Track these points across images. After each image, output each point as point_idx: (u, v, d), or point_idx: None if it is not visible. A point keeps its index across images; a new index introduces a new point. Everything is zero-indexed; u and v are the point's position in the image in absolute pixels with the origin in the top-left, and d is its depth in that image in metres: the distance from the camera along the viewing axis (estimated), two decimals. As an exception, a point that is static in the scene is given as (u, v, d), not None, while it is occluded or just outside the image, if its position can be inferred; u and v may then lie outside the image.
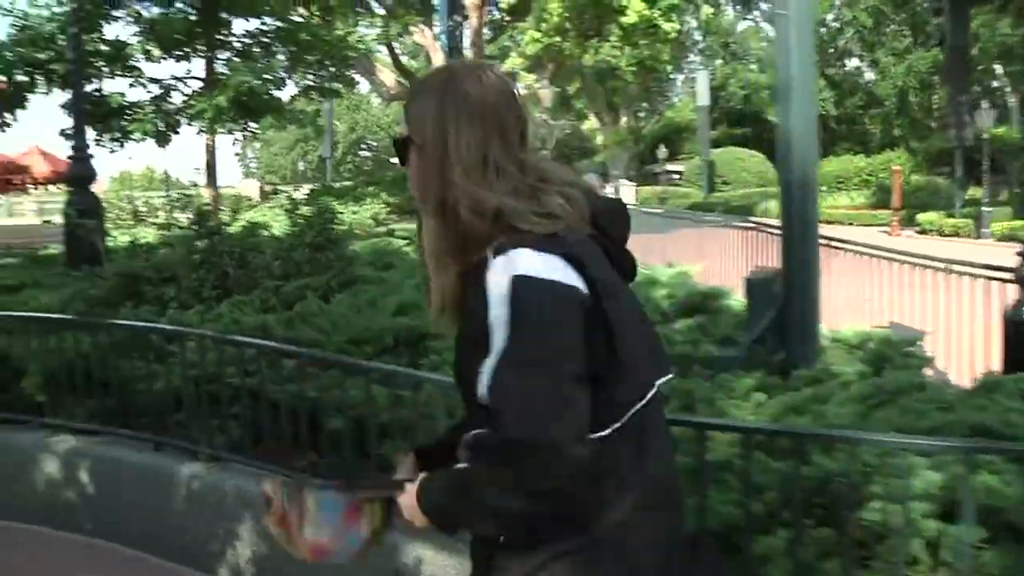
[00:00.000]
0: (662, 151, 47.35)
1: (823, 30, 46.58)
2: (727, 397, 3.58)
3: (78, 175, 8.22)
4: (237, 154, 69.47)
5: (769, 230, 10.15)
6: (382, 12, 21.32)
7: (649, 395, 1.42)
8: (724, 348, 4.54)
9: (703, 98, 45.13)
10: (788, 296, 4.51)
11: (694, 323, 4.92)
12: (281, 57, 13.15)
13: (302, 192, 16.43)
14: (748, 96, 52.87)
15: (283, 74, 12.66)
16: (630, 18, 21.31)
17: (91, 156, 8.39)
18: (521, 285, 1.30)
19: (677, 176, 49.25)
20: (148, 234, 8.16)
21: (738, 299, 5.39)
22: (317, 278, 5.00)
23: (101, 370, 4.32)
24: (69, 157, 8.23)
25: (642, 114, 53.45)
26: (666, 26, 22.17)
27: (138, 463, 4.10)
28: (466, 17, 25.71)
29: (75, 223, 7.41)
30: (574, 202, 1.41)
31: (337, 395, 3.36)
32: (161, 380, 4.04)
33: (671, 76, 52.31)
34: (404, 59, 23.03)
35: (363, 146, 71.69)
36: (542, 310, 1.30)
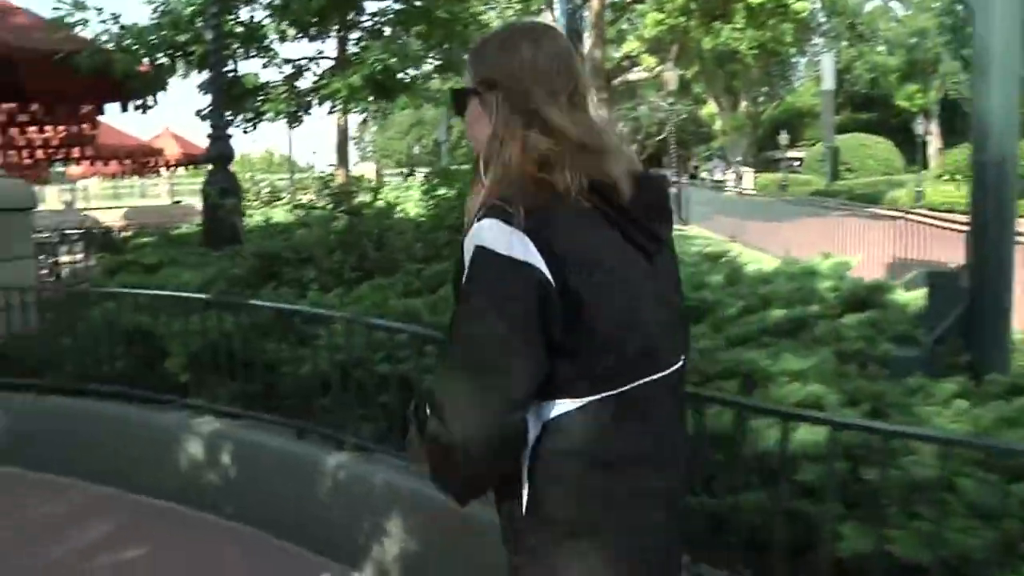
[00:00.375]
0: (783, 137, 45.78)
1: (961, 7, 44.05)
2: (924, 403, 3.21)
3: (217, 154, 8.31)
4: (354, 137, 70.71)
5: (919, 219, 9.52)
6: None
7: (655, 376, 1.45)
8: (902, 347, 4.13)
9: (828, 81, 43.38)
10: (977, 292, 4.07)
11: (864, 318, 4.51)
12: (412, 37, 12.99)
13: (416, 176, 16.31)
14: (875, 80, 50.64)
15: (417, 53, 12.49)
16: (758, -2, 20.47)
17: (230, 136, 8.44)
18: (478, 257, 1.36)
19: (797, 163, 47.67)
20: (279, 214, 8.16)
21: (904, 294, 4.96)
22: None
23: (244, 352, 4.23)
24: (208, 136, 8.31)
25: (761, 99, 51.88)
26: (796, 5, 21.18)
27: (280, 449, 3.99)
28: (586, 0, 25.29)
29: (216, 202, 7.43)
30: (576, 174, 1.41)
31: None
32: (307, 364, 3.91)
33: (793, 59, 50.56)
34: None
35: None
36: (491, 284, 1.36)
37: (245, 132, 12.80)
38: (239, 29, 12.23)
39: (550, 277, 1.35)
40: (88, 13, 11.57)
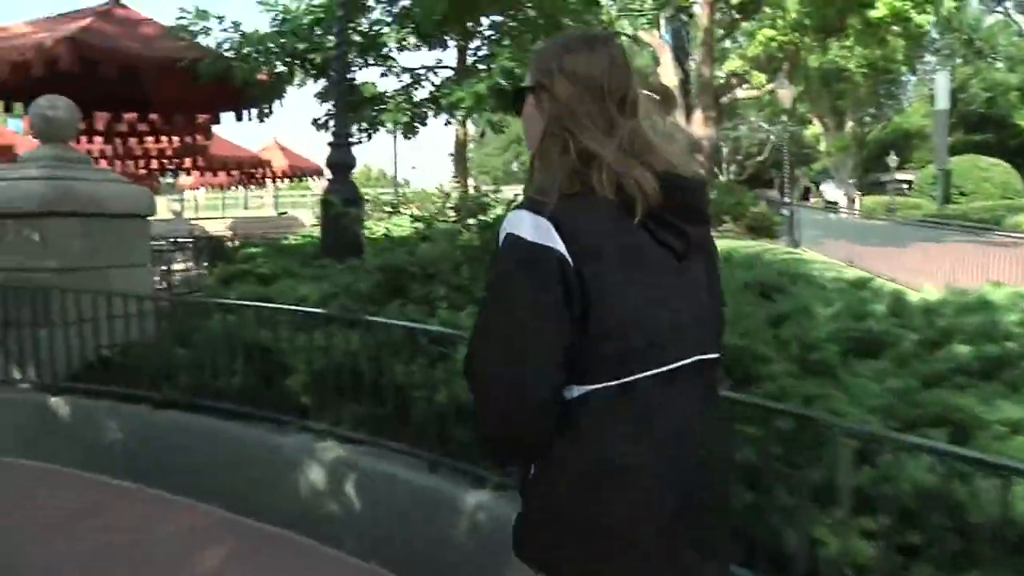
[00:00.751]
0: (892, 158, 44.04)
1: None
2: None
3: (338, 162, 8.11)
4: (451, 154, 71.15)
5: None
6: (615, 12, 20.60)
7: (661, 369, 1.45)
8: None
9: (942, 101, 41.64)
10: None
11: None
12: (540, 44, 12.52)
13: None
14: (992, 99, 48.35)
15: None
16: (879, 11, 19.50)
17: (351, 143, 8.22)
18: (507, 244, 1.42)
19: (906, 186, 45.84)
20: (398, 226, 7.89)
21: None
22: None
23: (373, 374, 3.93)
24: (329, 144, 8.07)
25: (868, 119, 50.17)
26: (919, 19, 20.15)
27: (410, 482, 3.66)
28: (691, 15, 24.73)
29: (340, 211, 7.17)
30: (609, 176, 1.45)
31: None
32: (442, 390, 3.57)
33: (904, 78, 48.66)
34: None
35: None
36: (515, 270, 1.42)
37: (359, 142, 12.62)
38: (357, 38, 12.08)
39: (570, 260, 1.40)
40: (210, 22, 11.62)
